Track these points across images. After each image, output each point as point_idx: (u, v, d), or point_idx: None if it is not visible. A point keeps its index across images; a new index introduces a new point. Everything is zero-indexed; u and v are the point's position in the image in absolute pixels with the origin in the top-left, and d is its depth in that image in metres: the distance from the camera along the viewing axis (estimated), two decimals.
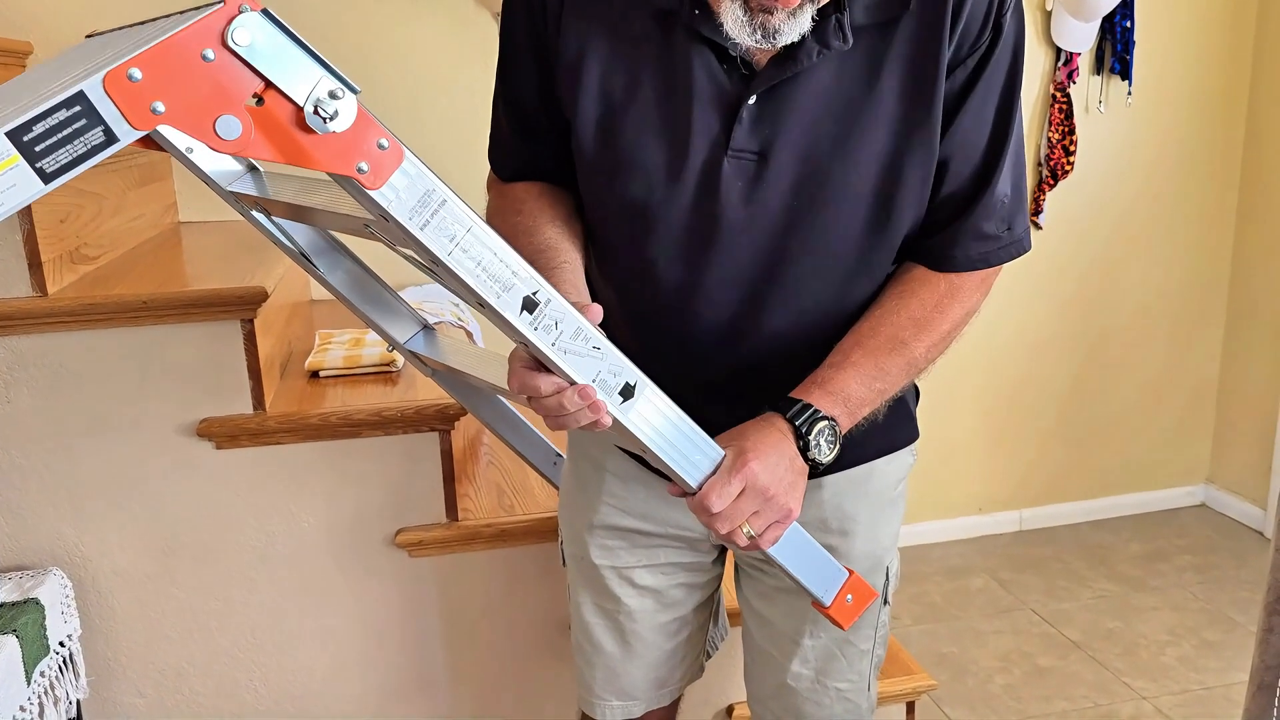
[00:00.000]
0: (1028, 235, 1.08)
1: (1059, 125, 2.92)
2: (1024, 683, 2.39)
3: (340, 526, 1.60)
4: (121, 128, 0.68)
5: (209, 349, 1.51)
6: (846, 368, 1.01)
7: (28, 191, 0.67)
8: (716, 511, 0.93)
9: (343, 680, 1.67)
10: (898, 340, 1.02)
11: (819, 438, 0.98)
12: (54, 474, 1.49)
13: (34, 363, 1.45)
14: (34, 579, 1.45)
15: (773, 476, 0.95)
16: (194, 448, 1.52)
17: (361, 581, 1.63)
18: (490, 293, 0.83)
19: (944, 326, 1.04)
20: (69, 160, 0.68)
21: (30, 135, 0.66)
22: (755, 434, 0.97)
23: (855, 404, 1.01)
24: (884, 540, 1.20)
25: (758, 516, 0.95)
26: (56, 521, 1.51)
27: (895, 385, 1.03)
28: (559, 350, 0.87)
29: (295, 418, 1.54)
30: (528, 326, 0.85)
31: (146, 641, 1.59)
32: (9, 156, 0.66)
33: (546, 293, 0.85)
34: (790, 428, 0.97)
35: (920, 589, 2.84)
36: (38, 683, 1.36)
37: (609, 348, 0.90)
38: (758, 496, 0.94)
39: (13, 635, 1.31)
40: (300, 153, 0.73)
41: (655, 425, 0.93)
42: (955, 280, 1.05)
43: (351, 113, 0.74)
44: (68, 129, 0.67)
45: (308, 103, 0.72)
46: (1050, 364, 3.15)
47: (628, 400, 0.91)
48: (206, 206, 2.27)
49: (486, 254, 0.82)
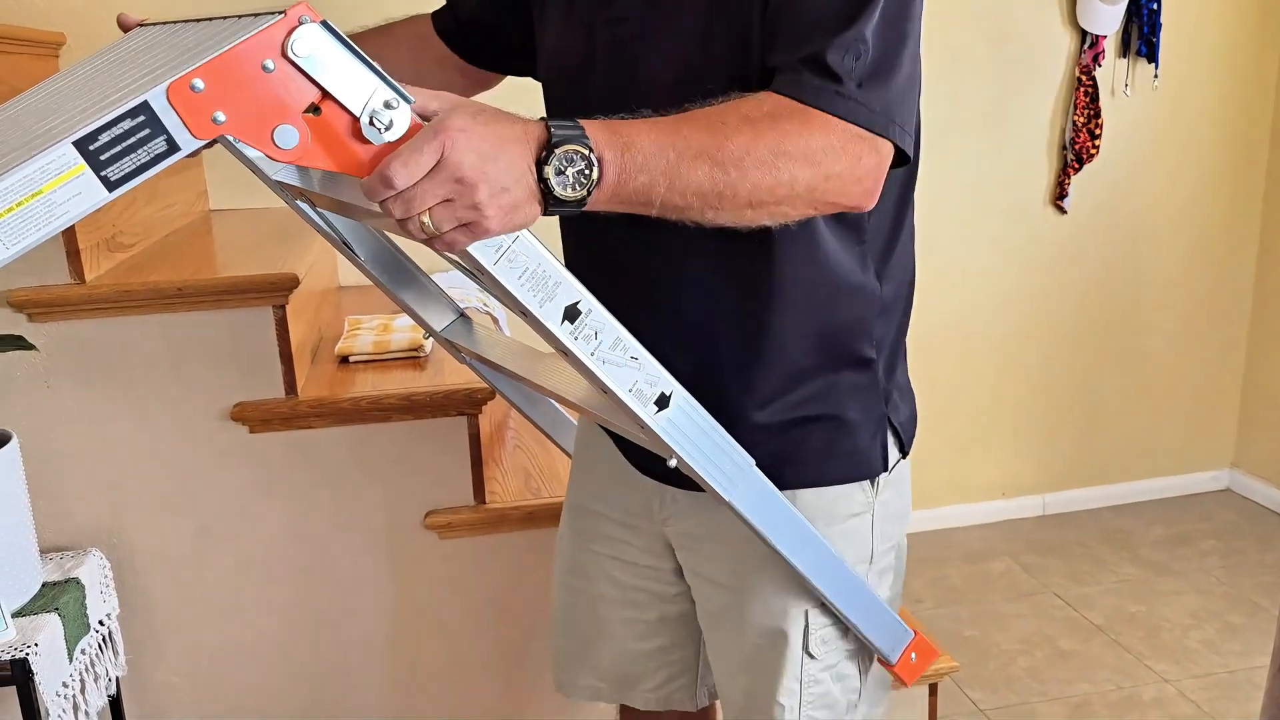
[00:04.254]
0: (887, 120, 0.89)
1: (1084, 109, 2.91)
2: (1046, 665, 2.40)
3: (369, 510, 1.63)
4: (183, 136, 0.70)
5: (242, 335, 1.54)
6: (646, 122, 0.84)
7: (93, 199, 0.69)
8: (398, 185, 0.73)
9: (373, 661, 1.70)
10: (716, 121, 0.84)
11: (566, 163, 0.78)
12: (92, 457, 1.53)
13: (73, 348, 1.48)
14: (74, 559, 1.48)
15: (478, 162, 0.74)
16: (228, 432, 1.55)
17: (390, 564, 1.66)
18: (533, 302, 0.83)
19: (773, 139, 0.84)
20: (132, 169, 0.69)
21: (96, 144, 0.68)
22: (479, 109, 0.78)
23: (635, 160, 0.81)
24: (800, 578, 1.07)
25: (445, 208, 0.75)
26: (95, 503, 1.54)
27: (688, 172, 0.82)
28: (598, 360, 0.87)
29: (326, 402, 1.57)
30: (568, 335, 0.85)
31: (182, 622, 1.62)
32: (75, 165, 0.67)
33: (588, 303, 0.86)
34: (542, 134, 0.78)
35: (941, 572, 2.85)
36: (79, 660, 1.39)
37: (646, 357, 0.90)
38: (449, 180, 0.74)
39: (55, 613, 1.34)
40: (355, 162, 0.75)
41: (687, 434, 0.93)
42: (795, 105, 0.86)
43: (406, 123, 0.75)
44: (132, 138, 0.69)
45: (364, 113, 0.73)
46: (1074, 348, 3.14)
47: (662, 410, 0.91)
48: (236, 195, 2.30)
49: (531, 264, 0.82)
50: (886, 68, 0.89)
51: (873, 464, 1.08)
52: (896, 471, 1.12)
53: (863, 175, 0.89)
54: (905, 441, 1.12)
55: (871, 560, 1.11)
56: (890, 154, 0.90)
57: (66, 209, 0.68)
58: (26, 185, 0.67)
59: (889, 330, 1.08)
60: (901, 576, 1.19)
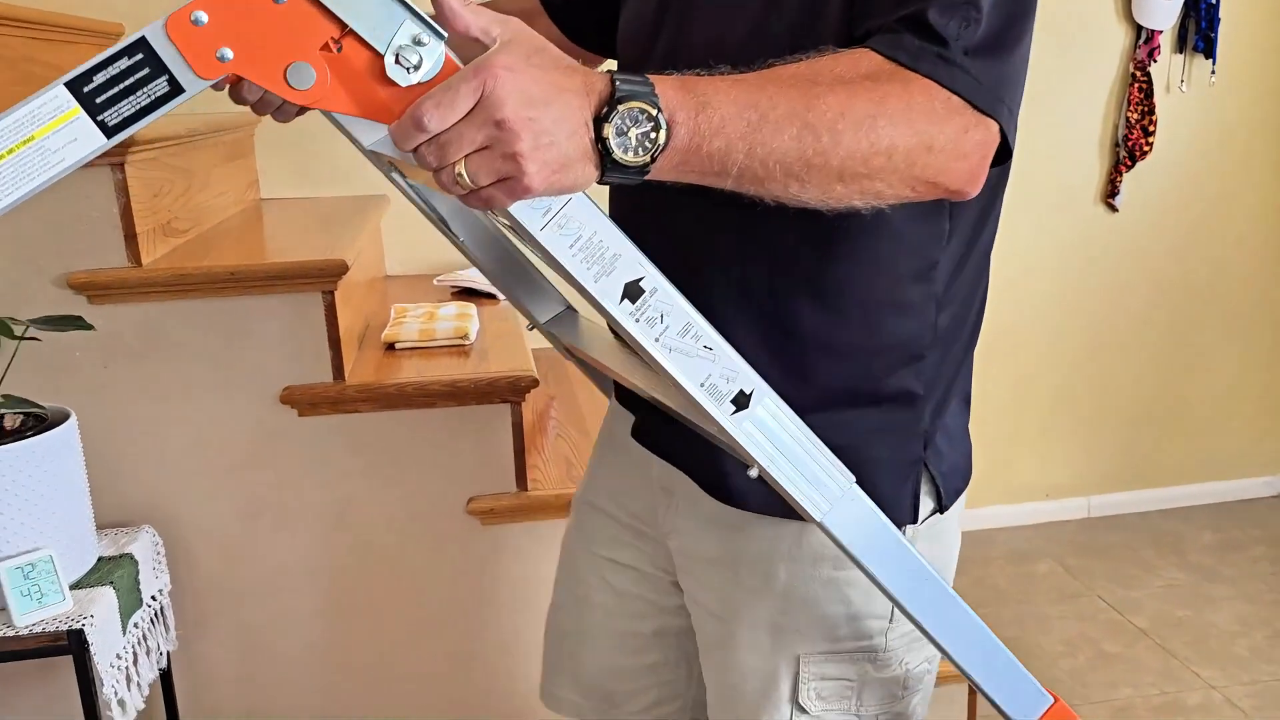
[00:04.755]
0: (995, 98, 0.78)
1: (1138, 105, 2.86)
2: (1089, 668, 2.37)
3: (414, 494, 1.66)
4: (187, 76, 0.64)
5: (291, 319, 1.57)
6: (728, 79, 0.73)
7: (90, 146, 0.64)
8: (430, 129, 0.65)
9: (415, 644, 1.73)
10: (807, 79, 0.74)
11: (630, 122, 0.68)
12: (146, 436, 1.56)
13: (130, 330, 1.52)
14: (128, 535, 1.52)
15: (523, 106, 0.65)
16: (277, 414, 1.58)
17: (434, 548, 1.68)
18: (587, 276, 0.73)
19: (870, 100, 0.74)
20: (132, 112, 0.64)
21: (91, 86, 0.63)
22: (537, 51, 0.68)
23: (711, 121, 0.71)
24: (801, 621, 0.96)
25: (481, 157, 0.66)
26: (148, 481, 1.58)
27: (773, 136, 0.72)
28: (663, 347, 0.77)
29: (373, 387, 1.60)
30: (628, 316, 0.75)
31: (231, 599, 1.66)
32: (69, 109, 0.63)
33: (653, 280, 0.75)
34: (606, 87, 0.68)
35: (984, 572, 2.83)
36: (132, 633, 1.43)
37: (723, 348, 0.78)
38: (488, 122, 0.64)
39: (110, 586, 1.38)
40: (380, 106, 0.67)
41: (774, 440, 0.81)
42: (895, 67, 0.76)
43: (438, 61, 0.67)
44: (130, 78, 0.63)
45: (389, 51, 0.66)
46: (1123, 349, 3.10)
47: (741, 410, 0.80)
48: (286, 183, 2.34)
49: (585, 231, 0.72)
50: (1002, 42, 0.78)
51: (893, 513, 0.91)
52: (933, 526, 0.96)
53: (968, 151, 0.77)
54: (945, 495, 0.96)
55: (891, 619, 0.96)
56: (997, 135, 0.78)
57: (62, 156, 0.64)
58: (18, 130, 0.63)
59: (944, 366, 0.94)
60: (935, 666, 1.02)
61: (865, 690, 0.98)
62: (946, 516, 0.97)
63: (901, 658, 0.98)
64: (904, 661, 0.98)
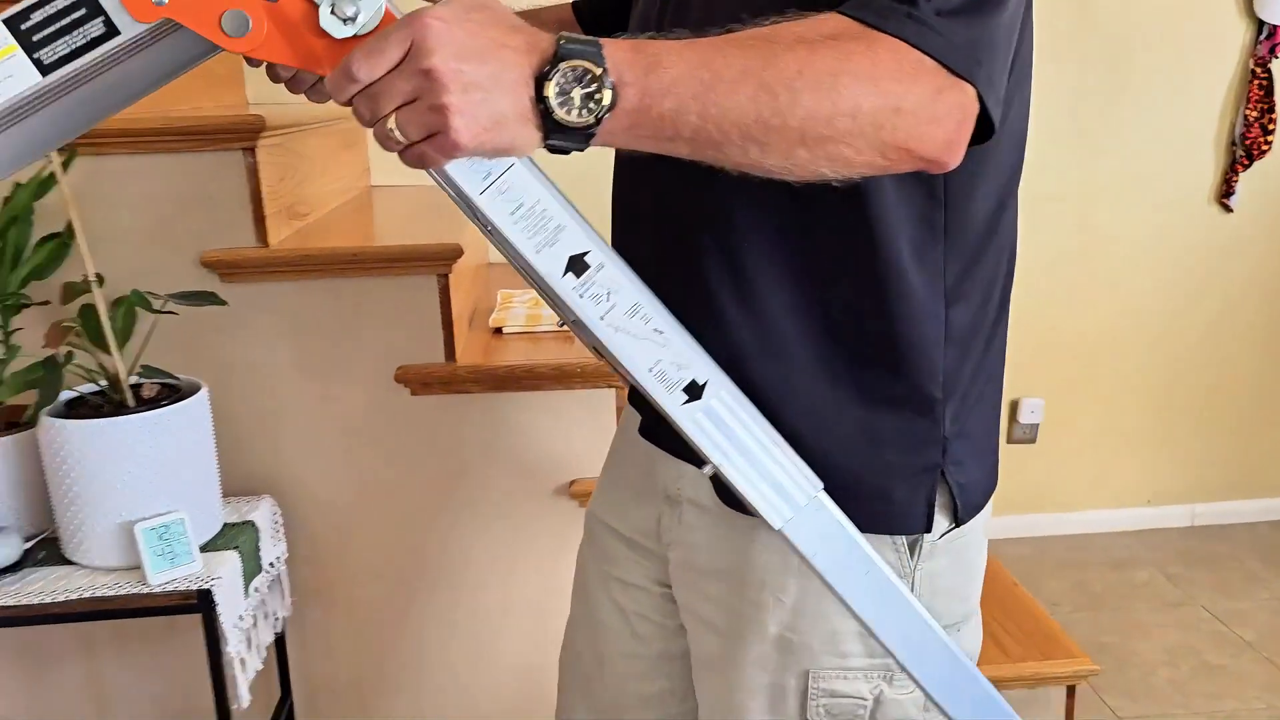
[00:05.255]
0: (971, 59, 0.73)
1: (1257, 103, 2.77)
2: (1190, 678, 2.31)
3: (518, 473, 1.70)
4: (122, 19, 0.65)
5: (407, 301, 1.62)
6: (683, 41, 0.69)
7: (26, 83, 0.65)
8: (359, 79, 0.63)
9: (514, 621, 1.77)
10: (764, 39, 0.70)
11: (572, 80, 0.65)
12: (269, 410, 1.63)
13: (256, 308, 1.59)
14: (250, 504, 1.59)
15: (453, 57, 0.62)
16: (391, 392, 1.64)
17: (534, 527, 1.72)
18: (528, 246, 0.70)
19: (831, 59, 0.69)
20: (68, 52, 0.65)
21: (28, 23, 0.65)
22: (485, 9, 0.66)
23: (661, 81, 0.67)
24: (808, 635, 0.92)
25: (410, 110, 0.64)
26: (269, 452, 1.65)
27: (727, 95, 0.68)
28: (608, 327, 0.73)
29: (483, 369, 1.64)
30: (572, 292, 0.72)
31: (343, 570, 1.72)
32: (6, 45, 0.64)
33: (600, 255, 0.72)
34: (549, 46, 0.66)
35: (1081, 577, 2.78)
36: (253, 596, 1.50)
37: (675, 332, 0.75)
38: (415, 72, 0.63)
39: (235, 551, 1.45)
40: (317, 58, 0.66)
41: (728, 436, 0.77)
42: (861, 27, 0.71)
43: (377, 13, 0.65)
44: (66, 18, 0.65)
45: (324, 1, 0.65)
46: (1234, 353, 3.00)
47: (692, 400, 0.75)
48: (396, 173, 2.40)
49: (528, 199, 0.69)
50: (978, 6, 0.73)
51: (905, 521, 0.89)
52: (953, 541, 0.92)
53: (941, 115, 0.72)
54: (962, 509, 0.91)
55: None
56: (975, 102, 0.73)
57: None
58: None
59: (963, 367, 0.90)
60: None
61: (880, 710, 0.93)
62: (967, 530, 0.93)
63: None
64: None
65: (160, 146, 1.52)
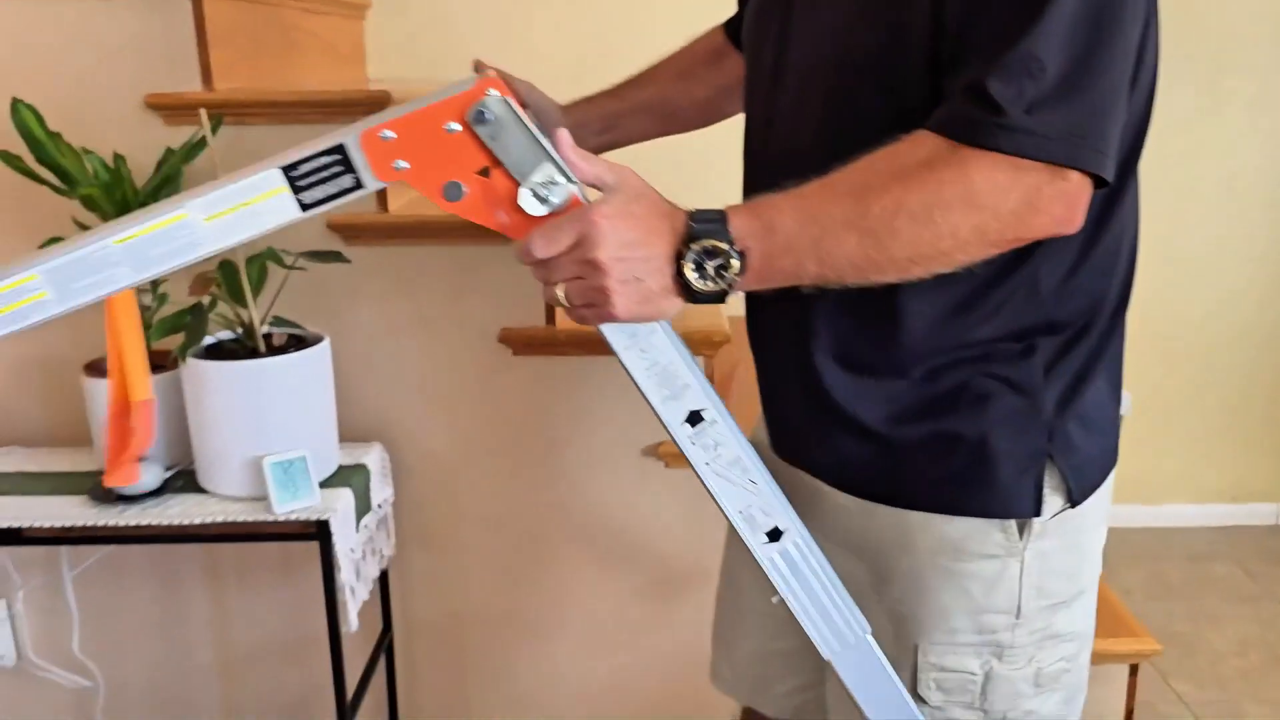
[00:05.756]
0: (1071, 145, 0.78)
1: None
2: (1260, 669, 2.33)
3: (610, 434, 1.81)
4: (367, 176, 0.80)
5: (512, 266, 1.72)
6: (790, 196, 0.82)
7: (287, 216, 0.80)
8: (536, 255, 0.81)
9: (601, 574, 1.88)
10: (861, 184, 0.81)
11: (705, 257, 0.80)
12: (382, 362, 1.77)
13: (375, 268, 1.72)
14: (362, 449, 1.73)
15: (615, 250, 0.79)
16: (495, 352, 1.76)
17: (623, 486, 1.83)
18: (657, 397, 0.86)
19: (925, 191, 0.79)
20: (323, 197, 0.80)
21: (297, 172, 0.79)
22: (637, 199, 0.82)
23: (778, 242, 0.81)
24: (919, 610, 0.97)
25: (577, 285, 0.81)
26: (381, 403, 1.79)
27: (834, 246, 0.80)
28: (712, 471, 0.88)
29: (580, 333, 1.75)
30: (686, 439, 0.87)
31: (444, 519, 1.86)
32: (279, 186, 0.79)
33: (715, 413, 0.86)
34: (684, 227, 0.81)
35: (1157, 568, 2.79)
36: (363, 532, 1.64)
37: (767, 485, 0.88)
38: (581, 260, 0.79)
39: (348, 488, 1.58)
40: (512, 226, 0.83)
41: (797, 575, 0.91)
42: (945, 144, 0.79)
43: (564, 199, 0.81)
44: (326, 171, 0.79)
45: (527, 184, 0.80)
46: None
47: (772, 543, 0.90)
48: None
49: (662, 359, 0.85)
50: (1074, 84, 0.77)
51: (1014, 504, 0.93)
52: (1065, 520, 0.95)
53: (1045, 206, 0.79)
54: (1076, 489, 0.94)
55: (1019, 615, 0.96)
56: (1084, 180, 0.80)
57: (265, 220, 0.80)
58: (238, 195, 0.80)
59: (1068, 355, 0.94)
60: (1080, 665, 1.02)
61: (990, 685, 0.97)
62: (1082, 510, 0.96)
63: (1031, 655, 0.97)
64: (1034, 659, 0.97)
65: (294, 118, 1.66)
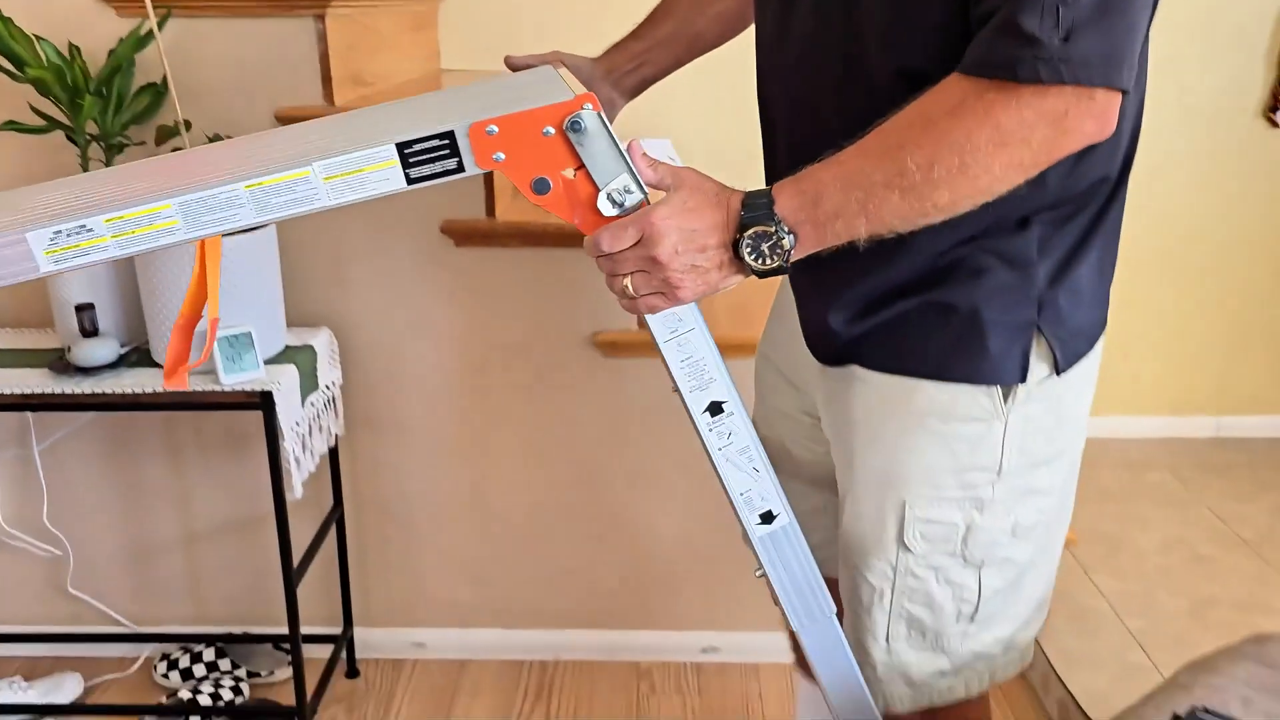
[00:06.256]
0: (1109, 67, 0.82)
1: None
2: (1180, 566, 2.44)
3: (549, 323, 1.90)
4: (469, 162, 0.90)
5: None
6: (831, 165, 0.90)
7: (395, 185, 0.90)
8: (604, 251, 0.92)
9: (537, 452, 1.99)
10: (894, 143, 0.87)
11: (759, 240, 0.90)
12: (331, 252, 1.86)
13: None
14: (310, 332, 1.82)
15: (672, 245, 0.90)
16: (438, 243, 1.84)
17: (559, 373, 1.93)
18: (685, 385, 0.98)
19: (954, 140, 0.84)
20: (428, 174, 0.90)
21: (410, 150, 0.88)
22: (693, 194, 0.92)
23: (826, 210, 0.89)
24: (907, 467, 1.05)
25: (641, 277, 0.92)
26: (330, 290, 1.88)
27: (880, 205, 0.87)
28: (722, 456, 1.01)
29: (519, 225, 1.84)
30: (705, 425, 0.99)
31: (391, 403, 1.96)
32: (391, 159, 0.88)
33: (734, 406, 0.99)
34: (738, 215, 0.91)
35: (1092, 473, 2.88)
36: (309, 408, 1.73)
37: (766, 474, 1.02)
38: (643, 257, 0.91)
39: (293, 365, 1.68)
40: (588, 221, 0.94)
41: (781, 555, 1.04)
42: (975, 87, 0.84)
43: (636, 204, 0.92)
44: (435, 153, 0.89)
45: (606, 189, 0.91)
46: (1274, 271, 3.04)
47: (765, 524, 1.03)
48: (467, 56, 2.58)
49: (696, 354, 0.97)
50: (1109, 7, 0.81)
51: (1001, 371, 0.99)
52: (1050, 387, 1.01)
53: (1072, 127, 0.84)
54: (1062, 358, 1.01)
55: (1000, 472, 1.03)
56: (1116, 95, 0.84)
57: (375, 187, 0.90)
58: (357, 162, 0.89)
59: (1064, 228, 0.99)
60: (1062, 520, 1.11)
61: (970, 535, 1.05)
62: (1065, 378, 1.02)
63: (1010, 508, 1.04)
64: (1012, 512, 1.05)
65: (243, 10, 1.72)
